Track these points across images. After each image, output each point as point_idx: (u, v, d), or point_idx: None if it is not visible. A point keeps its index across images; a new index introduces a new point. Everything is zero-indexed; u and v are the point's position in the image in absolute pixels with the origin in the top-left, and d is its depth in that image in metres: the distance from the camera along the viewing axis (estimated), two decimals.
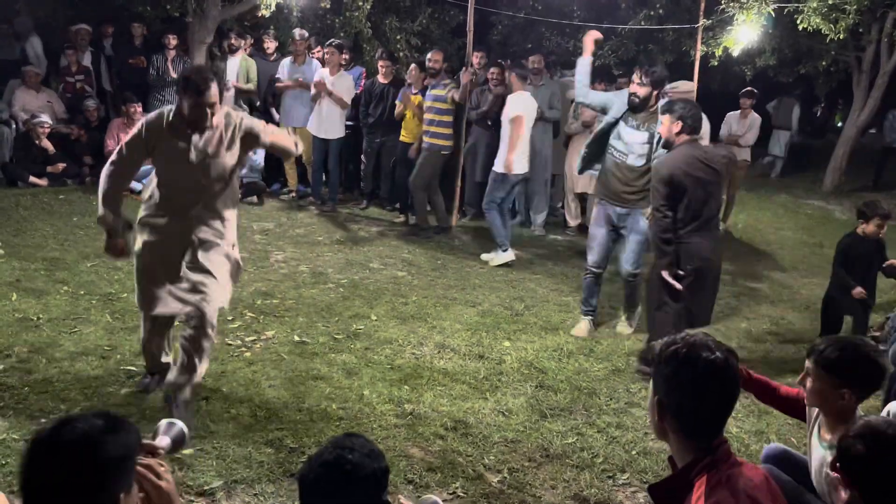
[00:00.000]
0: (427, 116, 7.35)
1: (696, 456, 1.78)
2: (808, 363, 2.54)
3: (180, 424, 1.95)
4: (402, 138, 7.92)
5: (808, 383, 2.54)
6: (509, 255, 6.67)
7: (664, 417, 1.81)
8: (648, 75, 4.82)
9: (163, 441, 1.88)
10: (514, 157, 6.51)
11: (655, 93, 4.87)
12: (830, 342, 2.52)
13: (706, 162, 4.24)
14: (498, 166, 6.66)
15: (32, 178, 7.99)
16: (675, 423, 1.80)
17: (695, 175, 4.18)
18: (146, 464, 1.67)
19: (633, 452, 3.55)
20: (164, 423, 1.94)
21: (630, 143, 4.87)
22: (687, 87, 5.65)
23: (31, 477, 1.49)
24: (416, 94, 7.61)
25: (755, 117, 8.80)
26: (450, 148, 7.39)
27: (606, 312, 5.58)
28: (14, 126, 8.60)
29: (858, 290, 5.04)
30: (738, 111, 8.93)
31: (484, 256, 6.79)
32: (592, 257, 5.12)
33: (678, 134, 4.28)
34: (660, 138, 4.59)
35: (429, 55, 7.59)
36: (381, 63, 8.13)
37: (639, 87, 4.82)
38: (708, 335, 1.85)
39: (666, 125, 4.34)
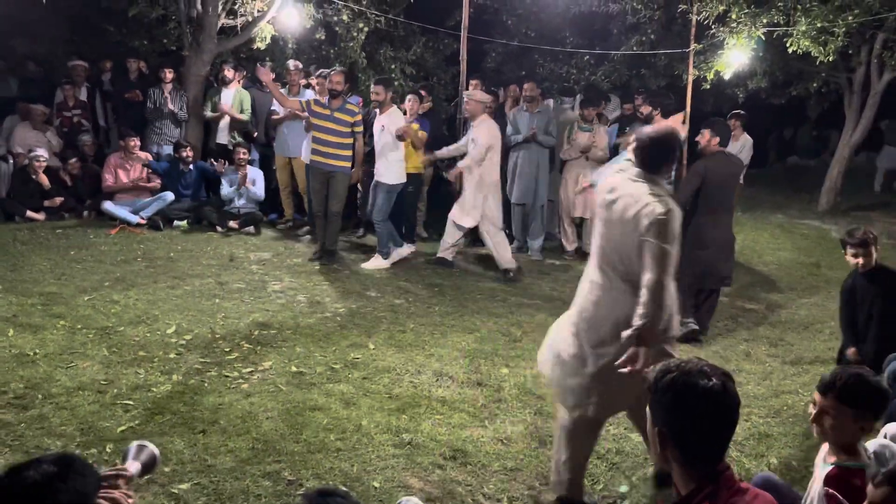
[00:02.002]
0: (328, 138, 7.07)
1: (698, 484, 1.78)
2: (823, 400, 2.49)
3: (151, 447, 1.89)
4: None
5: (827, 421, 2.49)
6: (387, 263, 7.22)
7: (666, 446, 1.80)
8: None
9: (132, 466, 1.83)
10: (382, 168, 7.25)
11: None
12: (844, 376, 2.49)
13: (727, 163, 5.74)
14: (390, 178, 7.20)
15: (29, 213, 8.01)
16: (677, 451, 1.80)
17: (717, 171, 5.61)
18: (110, 497, 1.63)
19: (634, 478, 3.52)
20: (134, 445, 1.89)
21: None
22: (482, 97, 7.17)
23: None
24: (411, 122, 7.65)
25: (747, 139, 8.83)
26: (351, 170, 7.33)
27: None
28: (11, 161, 8.66)
29: (851, 351, 4.64)
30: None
31: (364, 266, 7.19)
32: None
33: (714, 145, 5.68)
34: None
35: (330, 76, 7.22)
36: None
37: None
38: (702, 360, 1.85)
39: (707, 137, 5.69)
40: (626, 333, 2.90)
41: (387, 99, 7.19)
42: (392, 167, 7.25)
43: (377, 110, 7.39)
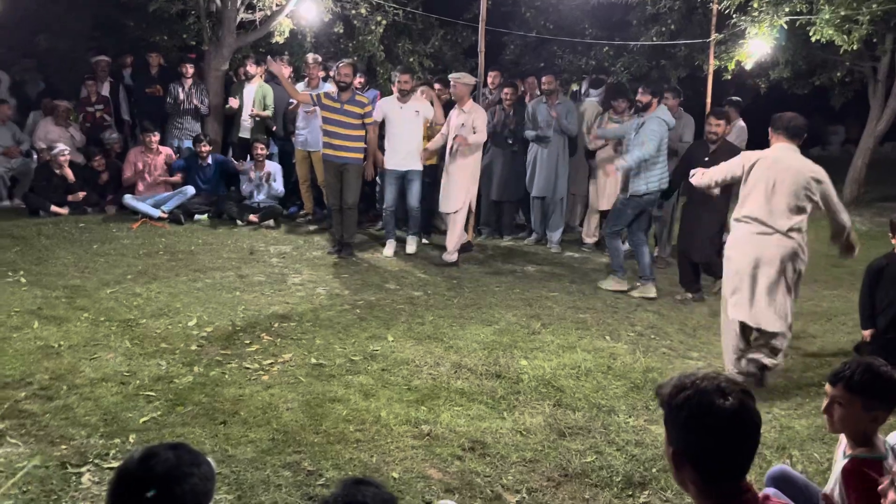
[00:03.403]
0: (339, 130, 7.05)
1: None
2: (833, 390, 2.45)
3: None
4: None
5: (837, 411, 2.46)
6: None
7: (682, 468, 1.71)
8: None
9: None
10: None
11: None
12: (854, 366, 2.45)
13: (731, 150, 6.08)
14: (420, 164, 7.38)
15: (53, 207, 8.12)
16: (693, 472, 1.69)
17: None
18: None
19: (654, 470, 3.51)
20: None
21: None
22: (469, 79, 7.28)
23: None
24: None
25: (740, 126, 8.67)
26: (363, 162, 7.31)
27: (628, 333, 5.55)
28: (35, 157, 8.79)
29: (867, 333, 4.56)
30: None
31: (408, 250, 7.50)
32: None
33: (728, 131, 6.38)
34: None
35: (338, 68, 7.16)
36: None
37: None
38: (720, 374, 1.75)
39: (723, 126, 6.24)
40: (839, 240, 4.57)
41: (414, 88, 7.35)
42: (419, 154, 7.37)
43: (395, 100, 7.39)
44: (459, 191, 7.23)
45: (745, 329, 4.56)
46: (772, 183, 4.36)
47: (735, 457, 1.67)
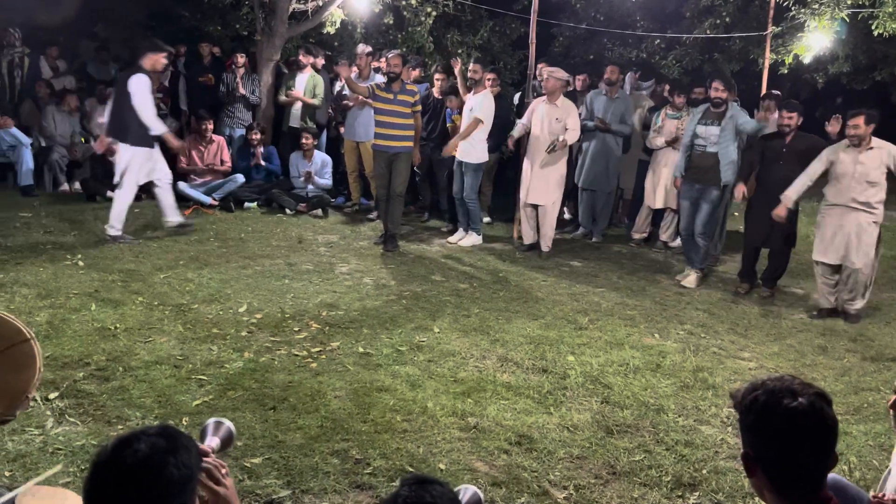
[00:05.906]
0: (393, 120, 7.07)
1: None
2: None
3: (228, 424, 1.92)
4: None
5: None
6: (480, 239, 7.68)
7: (754, 472, 1.66)
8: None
9: (212, 442, 1.85)
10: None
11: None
12: None
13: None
14: (477, 158, 7.46)
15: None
16: (765, 478, 1.63)
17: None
18: (206, 468, 1.65)
19: (704, 471, 3.45)
20: (211, 422, 1.91)
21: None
22: (562, 74, 7.28)
23: (94, 499, 1.46)
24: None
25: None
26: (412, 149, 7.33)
27: (677, 331, 5.46)
28: (93, 143, 9.00)
29: None
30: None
31: (462, 241, 7.58)
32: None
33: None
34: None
35: (388, 59, 7.18)
36: (436, 76, 8.18)
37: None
38: (795, 378, 1.69)
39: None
40: None
41: (483, 78, 7.45)
42: (478, 146, 7.43)
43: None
44: (552, 185, 7.26)
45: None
46: (862, 158, 5.76)
47: (804, 461, 1.61)
